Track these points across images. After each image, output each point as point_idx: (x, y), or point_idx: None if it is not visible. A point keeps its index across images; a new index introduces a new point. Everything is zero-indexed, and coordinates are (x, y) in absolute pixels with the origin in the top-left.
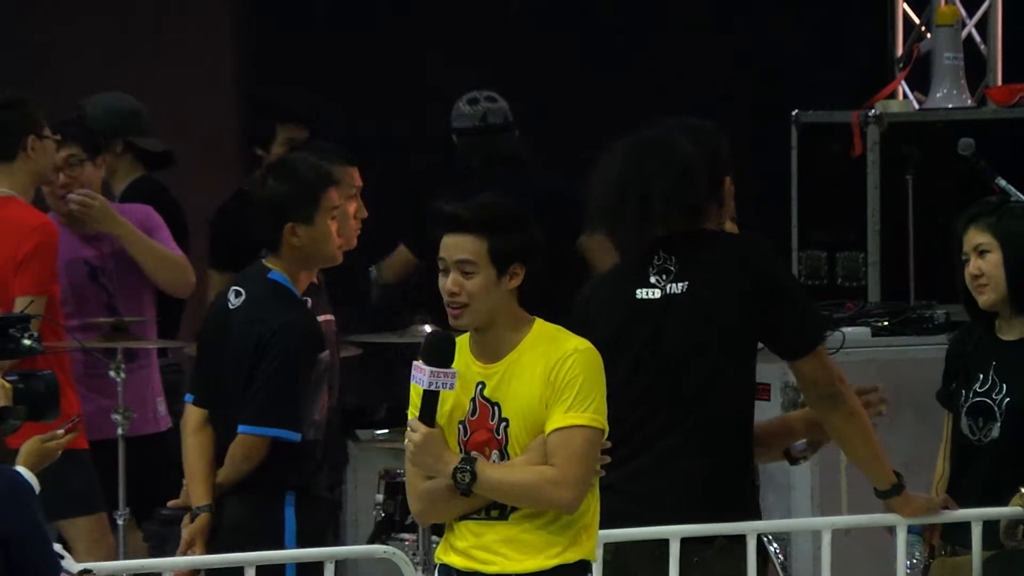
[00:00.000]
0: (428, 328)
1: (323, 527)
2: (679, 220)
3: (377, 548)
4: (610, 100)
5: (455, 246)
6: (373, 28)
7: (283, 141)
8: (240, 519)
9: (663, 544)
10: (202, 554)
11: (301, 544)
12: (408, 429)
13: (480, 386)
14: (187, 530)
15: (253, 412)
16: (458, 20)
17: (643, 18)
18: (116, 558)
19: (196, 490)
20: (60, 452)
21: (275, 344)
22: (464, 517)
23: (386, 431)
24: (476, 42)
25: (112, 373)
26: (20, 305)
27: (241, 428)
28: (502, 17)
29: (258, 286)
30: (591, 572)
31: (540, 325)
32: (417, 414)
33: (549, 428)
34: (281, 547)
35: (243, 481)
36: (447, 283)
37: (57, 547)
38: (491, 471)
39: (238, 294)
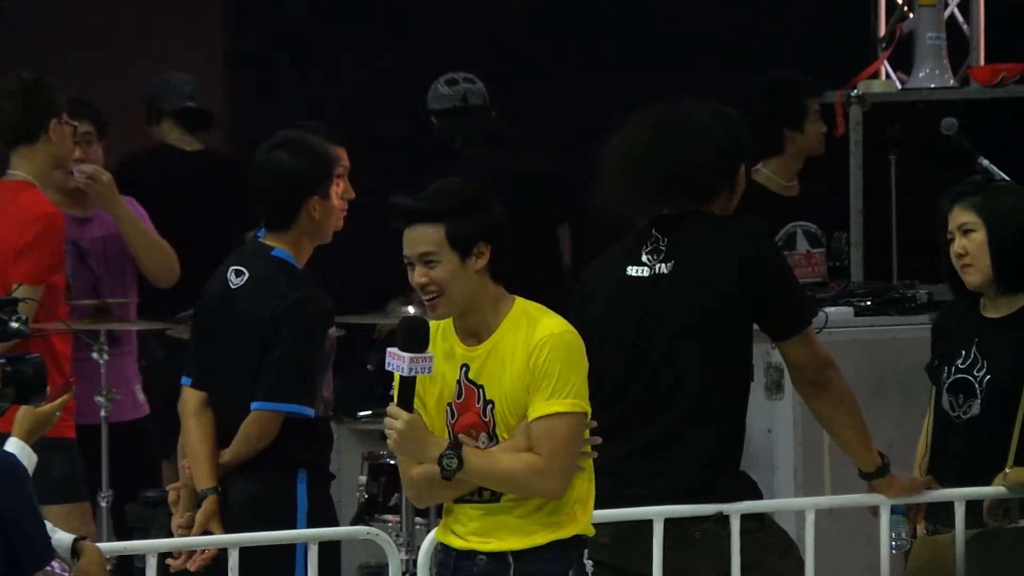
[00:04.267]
0: (411, 310)
1: (332, 505)
2: (687, 197)
3: (360, 529)
4: (599, 92)
5: (414, 239)
6: (373, 22)
7: (814, 116)
8: (251, 497)
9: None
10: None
11: (312, 523)
12: (387, 416)
13: (464, 368)
14: (198, 515)
15: (268, 388)
16: (457, 18)
17: (626, 7)
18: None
19: (200, 472)
20: (57, 417)
21: (289, 320)
22: (460, 500)
23: (368, 413)
24: (476, 40)
25: (95, 355)
26: (17, 294)
27: (256, 405)
28: (502, 15)
29: (262, 264)
30: (587, 547)
31: (520, 304)
32: (395, 400)
33: (532, 415)
34: (293, 526)
35: (254, 459)
36: (415, 276)
37: (47, 525)
38: (477, 458)
39: (239, 273)
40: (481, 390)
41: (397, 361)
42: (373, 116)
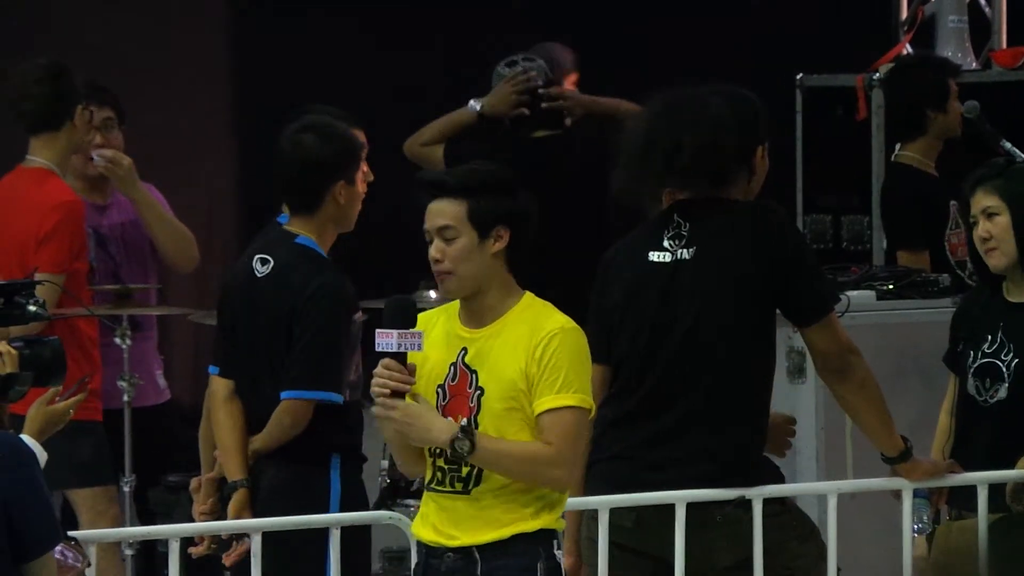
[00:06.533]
0: (434, 294)
1: (364, 490)
2: (702, 181)
3: (383, 514)
4: (598, 91)
5: (436, 212)
6: (370, 22)
7: (954, 96)
8: (284, 483)
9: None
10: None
11: (345, 508)
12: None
13: (463, 352)
14: (230, 507)
15: (296, 377)
16: (458, 15)
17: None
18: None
19: (230, 464)
20: (70, 415)
21: (312, 308)
22: (431, 489)
23: None
24: (476, 39)
25: (118, 340)
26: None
27: (286, 394)
28: (502, 14)
29: (286, 252)
30: (557, 540)
31: (529, 297)
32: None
33: (540, 408)
34: (326, 510)
35: (287, 446)
36: (431, 251)
37: None
38: (489, 443)
39: (264, 262)
40: (475, 375)
41: (386, 339)
42: (375, 114)
